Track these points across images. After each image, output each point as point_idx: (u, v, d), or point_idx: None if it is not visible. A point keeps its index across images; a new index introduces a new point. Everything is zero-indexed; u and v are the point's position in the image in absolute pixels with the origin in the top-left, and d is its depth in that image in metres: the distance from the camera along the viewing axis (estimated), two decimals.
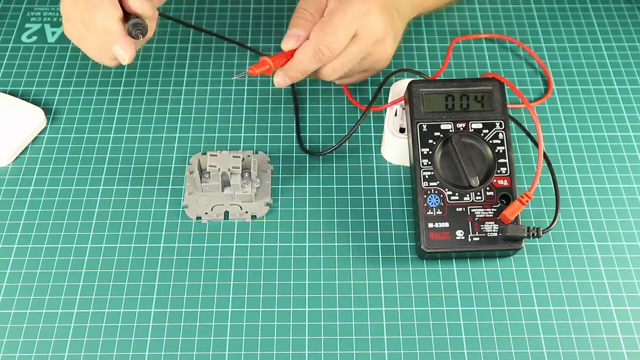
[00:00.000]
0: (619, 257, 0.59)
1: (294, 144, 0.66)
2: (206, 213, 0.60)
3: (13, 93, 0.70)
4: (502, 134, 0.59)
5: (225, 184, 0.61)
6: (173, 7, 0.78)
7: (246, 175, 0.61)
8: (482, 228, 0.56)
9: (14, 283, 0.57)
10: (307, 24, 0.61)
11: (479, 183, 0.57)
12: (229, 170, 0.60)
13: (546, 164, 0.63)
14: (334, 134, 0.67)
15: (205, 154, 0.64)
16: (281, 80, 0.62)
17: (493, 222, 0.57)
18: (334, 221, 0.61)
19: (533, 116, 0.58)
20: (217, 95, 0.70)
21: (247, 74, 0.61)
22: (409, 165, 0.62)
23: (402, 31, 0.66)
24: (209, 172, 0.60)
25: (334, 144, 0.66)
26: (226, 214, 0.61)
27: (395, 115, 0.64)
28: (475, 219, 0.57)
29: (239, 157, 0.60)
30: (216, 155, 0.60)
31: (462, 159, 0.58)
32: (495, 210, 0.57)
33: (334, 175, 0.64)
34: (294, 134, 0.67)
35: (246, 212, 0.61)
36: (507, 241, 0.56)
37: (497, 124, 0.59)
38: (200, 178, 0.61)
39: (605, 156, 0.65)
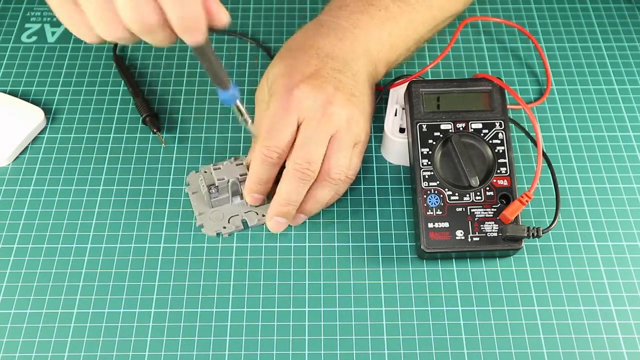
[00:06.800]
0: (619, 257, 0.59)
1: None
2: (224, 227, 0.59)
3: (13, 93, 0.70)
4: (502, 134, 0.59)
5: (234, 193, 0.60)
6: None
7: None
8: (482, 228, 0.56)
9: (14, 283, 0.57)
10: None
11: (478, 183, 0.58)
12: (237, 179, 0.59)
13: (546, 164, 0.63)
14: None
15: (198, 171, 0.62)
16: (273, 223, 0.58)
17: (493, 222, 0.57)
18: (334, 221, 0.61)
19: (530, 116, 0.58)
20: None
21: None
22: (409, 165, 0.62)
23: (360, 90, 0.59)
24: (217, 186, 0.59)
25: None
26: (244, 222, 0.60)
27: (395, 115, 0.64)
28: (475, 219, 0.57)
29: (242, 163, 0.60)
30: (220, 168, 0.60)
31: (462, 159, 0.58)
32: (495, 210, 0.57)
33: None
34: None
35: (263, 216, 0.60)
36: (507, 241, 0.56)
37: (497, 124, 0.59)
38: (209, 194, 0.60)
39: (605, 156, 0.65)
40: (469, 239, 0.56)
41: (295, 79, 0.57)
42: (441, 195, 0.57)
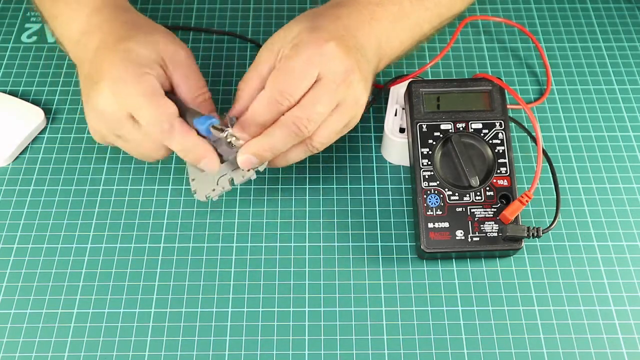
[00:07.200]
0: (619, 257, 0.59)
1: None
2: (213, 190, 0.58)
3: (13, 93, 0.70)
4: (502, 134, 0.59)
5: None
6: (173, 6, 0.78)
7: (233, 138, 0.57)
8: (482, 228, 0.56)
9: (14, 283, 0.57)
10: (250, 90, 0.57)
11: (478, 183, 0.58)
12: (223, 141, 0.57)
13: (547, 164, 0.63)
14: None
15: None
16: (245, 159, 0.54)
17: (493, 222, 0.57)
18: (334, 221, 0.61)
19: (530, 116, 0.58)
20: (217, 95, 0.70)
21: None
22: (409, 165, 0.62)
23: (370, 76, 0.59)
24: None
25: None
26: (231, 180, 0.58)
27: (395, 115, 0.64)
28: (475, 219, 0.57)
29: (223, 129, 0.57)
30: None
31: (462, 159, 0.58)
32: (495, 210, 0.57)
33: (334, 175, 0.64)
34: None
35: (248, 171, 0.57)
36: (507, 241, 0.56)
37: (497, 124, 0.59)
38: None
39: (605, 156, 0.65)
40: (469, 239, 0.56)
41: (324, 35, 0.55)
42: (441, 195, 0.57)
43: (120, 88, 0.54)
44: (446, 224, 0.57)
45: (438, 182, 0.58)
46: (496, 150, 0.58)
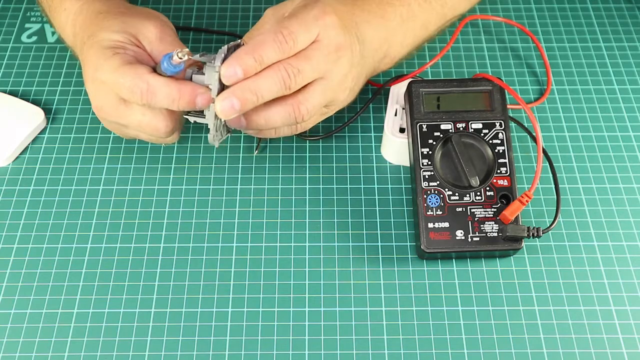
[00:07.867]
0: (619, 257, 0.59)
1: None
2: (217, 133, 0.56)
3: (13, 93, 0.70)
4: (502, 134, 0.59)
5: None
6: (173, 6, 0.78)
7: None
8: (482, 228, 0.56)
9: (14, 283, 0.57)
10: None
11: (479, 183, 0.58)
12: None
13: (547, 164, 0.63)
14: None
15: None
16: (227, 104, 0.52)
17: (493, 222, 0.57)
18: (334, 221, 0.61)
19: (530, 116, 0.58)
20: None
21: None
22: (409, 165, 0.62)
23: (361, 73, 0.60)
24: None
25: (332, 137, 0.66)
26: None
27: (395, 115, 0.64)
28: (475, 219, 0.57)
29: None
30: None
31: (462, 159, 0.58)
32: (495, 210, 0.57)
33: (334, 176, 0.64)
34: None
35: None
36: (507, 241, 0.56)
37: (497, 124, 0.59)
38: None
39: (605, 156, 0.65)
40: (469, 239, 0.56)
41: (329, 10, 0.56)
42: (441, 195, 0.57)
43: (98, 76, 0.55)
44: (446, 224, 0.57)
45: (438, 182, 0.58)
46: (496, 150, 0.58)
